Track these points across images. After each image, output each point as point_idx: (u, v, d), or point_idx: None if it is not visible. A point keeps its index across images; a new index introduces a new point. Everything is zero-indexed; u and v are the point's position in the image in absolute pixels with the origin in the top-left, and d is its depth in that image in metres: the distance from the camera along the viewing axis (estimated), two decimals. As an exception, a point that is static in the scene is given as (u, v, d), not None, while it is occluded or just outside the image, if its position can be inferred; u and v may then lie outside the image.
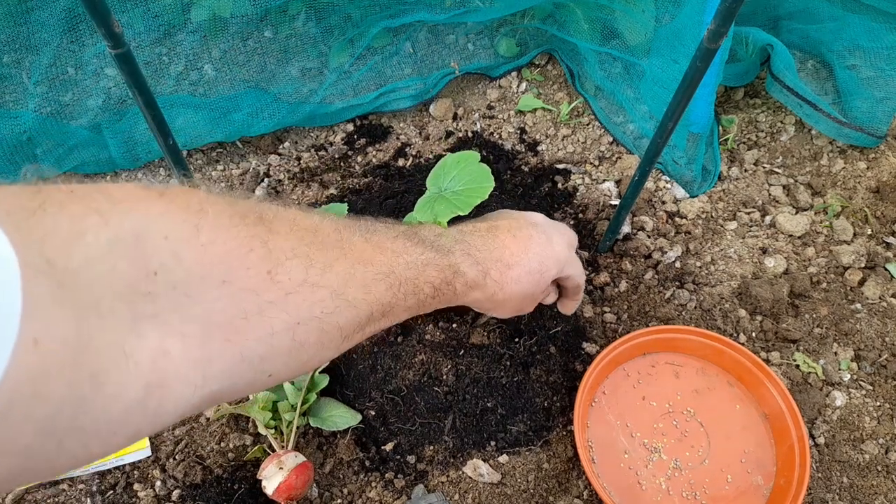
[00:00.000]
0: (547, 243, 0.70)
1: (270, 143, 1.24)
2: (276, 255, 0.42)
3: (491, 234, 0.67)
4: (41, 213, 0.32)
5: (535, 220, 0.72)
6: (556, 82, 1.32)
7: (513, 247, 0.66)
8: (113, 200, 0.36)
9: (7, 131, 1.08)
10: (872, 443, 0.87)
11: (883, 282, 1.01)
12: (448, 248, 0.61)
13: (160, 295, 0.36)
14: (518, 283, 0.66)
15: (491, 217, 0.72)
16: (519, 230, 0.69)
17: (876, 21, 1.13)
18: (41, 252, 0.30)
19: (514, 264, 0.66)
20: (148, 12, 1.11)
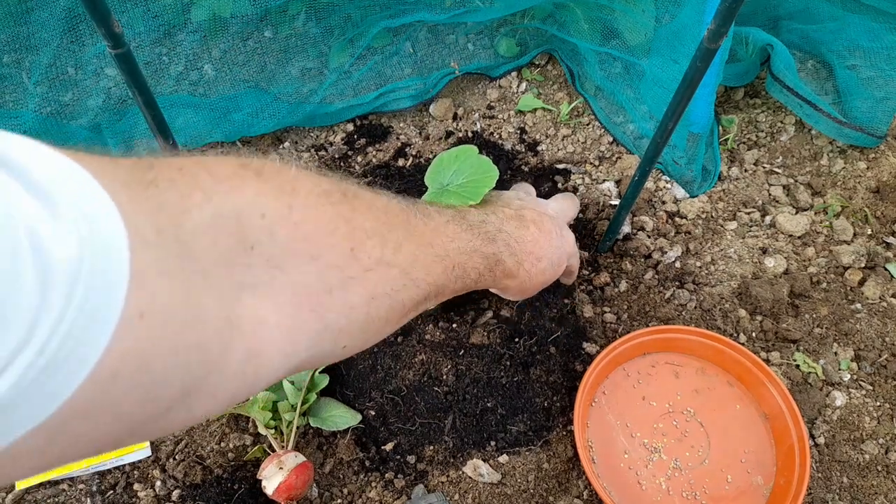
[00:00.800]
0: (560, 237, 0.77)
1: (270, 143, 1.24)
2: (357, 233, 0.46)
3: (522, 224, 0.72)
4: (154, 187, 0.34)
5: (550, 211, 0.79)
6: (556, 82, 1.32)
7: (541, 240, 0.73)
8: (216, 178, 0.38)
9: (7, 131, 1.08)
10: (872, 443, 0.87)
11: (883, 282, 1.01)
12: (492, 236, 0.65)
13: (257, 266, 0.39)
14: (543, 274, 0.74)
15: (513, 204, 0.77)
16: (542, 223, 0.75)
17: (876, 21, 1.13)
18: (153, 223, 0.32)
19: (542, 258, 0.72)
20: (148, 12, 1.11)
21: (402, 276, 0.50)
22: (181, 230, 0.34)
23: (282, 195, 0.41)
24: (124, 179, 0.33)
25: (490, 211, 0.72)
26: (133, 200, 0.31)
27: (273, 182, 0.42)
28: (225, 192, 0.38)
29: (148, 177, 0.34)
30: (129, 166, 0.35)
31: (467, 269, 0.59)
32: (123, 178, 0.33)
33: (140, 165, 0.35)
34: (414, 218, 0.54)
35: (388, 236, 0.48)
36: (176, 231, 0.33)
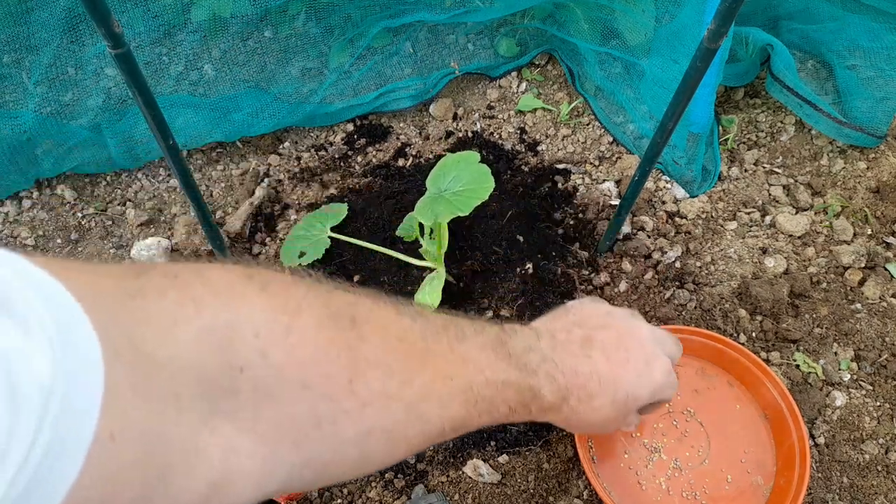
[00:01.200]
0: (645, 370, 0.63)
1: (270, 143, 1.24)
2: (360, 364, 0.42)
3: (584, 350, 0.61)
4: (140, 297, 0.33)
5: (640, 335, 0.65)
6: (556, 82, 1.32)
7: (603, 370, 0.60)
8: (213, 290, 0.37)
9: (7, 131, 1.08)
10: (872, 443, 0.87)
11: (883, 282, 1.01)
12: (534, 367, 0.56)
13: (241, 392, 0.36)
14: (597, 412, 0.60)
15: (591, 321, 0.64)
16: (616, 350, 0.62)
17: (876, 21, 1.13)
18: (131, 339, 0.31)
19: (597, 394, 0.60)
20: (148, 12, 1.11)
21: (408, 411, 0.45)
22: (162, 346, 0.32)
23: (283, 314, 0.39)
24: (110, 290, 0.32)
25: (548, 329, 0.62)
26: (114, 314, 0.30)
27: (277, 299, 0.39)
28: (220, 305, 0.36)
29: (135, 285, 0.33)
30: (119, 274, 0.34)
31: (496, 403, 0.52)
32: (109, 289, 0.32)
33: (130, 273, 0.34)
34: (437, 344, 0.49)
35: (395, 367, 0.44)
36: (155, 349, 0.32)
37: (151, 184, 1.19)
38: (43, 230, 1.12)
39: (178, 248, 1.08)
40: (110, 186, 1.18)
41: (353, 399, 0.42)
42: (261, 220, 1.14)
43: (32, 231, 1.12)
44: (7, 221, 1.13)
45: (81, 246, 1.11)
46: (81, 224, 1.13)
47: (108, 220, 1.14)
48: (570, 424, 0.62)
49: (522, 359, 0.55)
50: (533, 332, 0.60)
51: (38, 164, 1.13)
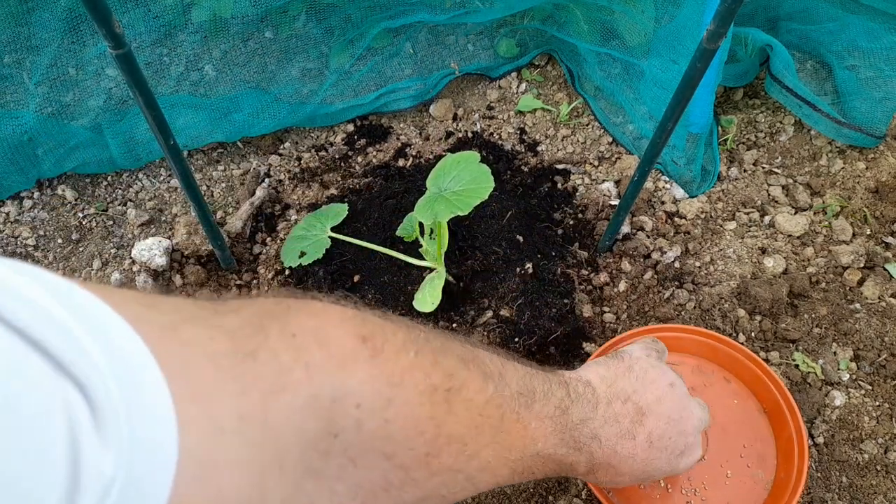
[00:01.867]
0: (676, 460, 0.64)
1: (271, 144, 1.25)
2: (440, 440, 0.43)
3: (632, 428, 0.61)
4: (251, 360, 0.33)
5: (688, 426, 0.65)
6: (555, 83, 1.32)
7: (640, 455, 0.61)
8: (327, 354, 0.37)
9: (8, 131, 1.08)
10: (871, 442, 0.88)
11: (882, 282, 1.01)
12: (582, 443, 0.57)
13: (331, 455, 0.37)
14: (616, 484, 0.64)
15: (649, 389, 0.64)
16: (660, 439, 0.62)
17: (875, 21, 1.14)
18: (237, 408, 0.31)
19: (625, 473, 0.61)
20: (149, 13, 1.11)
21: (465, 482, 0.47)
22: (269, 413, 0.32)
23: (387, 387, 0.40)
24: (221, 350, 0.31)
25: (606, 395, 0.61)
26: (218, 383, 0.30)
27: (385, 367, 0.40)
28: (330, 373, 0.36)
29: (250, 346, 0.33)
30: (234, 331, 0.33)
31: (536, 471, 0.54)
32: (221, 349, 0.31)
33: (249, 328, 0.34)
34: (510, 414, 0.49)
35: (470, 443, 0.46)
36: (263, 415, 0.32)
37: (152, 184, 1.19)
38: (44, 230, 1.13)
39: (179, 249, 1.08)
40: (111, 187, 1.18)
41: (425, 470, 0.43)
42: (261, 221, 1.15)
43: (33, 231, 1.12)
44: (8, 221, 1.13)
45: (82, 246, 1.12)
46: (82, 224, 1.14)
47: (109, 221, 1.15)
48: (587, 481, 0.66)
49: (575, 433, 0.56)
50: (593, 399, 0.60)
51: (38, 164, 1.13)
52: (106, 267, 1.09)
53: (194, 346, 0.31)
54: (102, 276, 1.07)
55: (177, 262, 1.07)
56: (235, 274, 1.08)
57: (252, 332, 0.34)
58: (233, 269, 1.08)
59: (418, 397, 0.42)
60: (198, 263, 1.07)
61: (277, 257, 1.08)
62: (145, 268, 1.06)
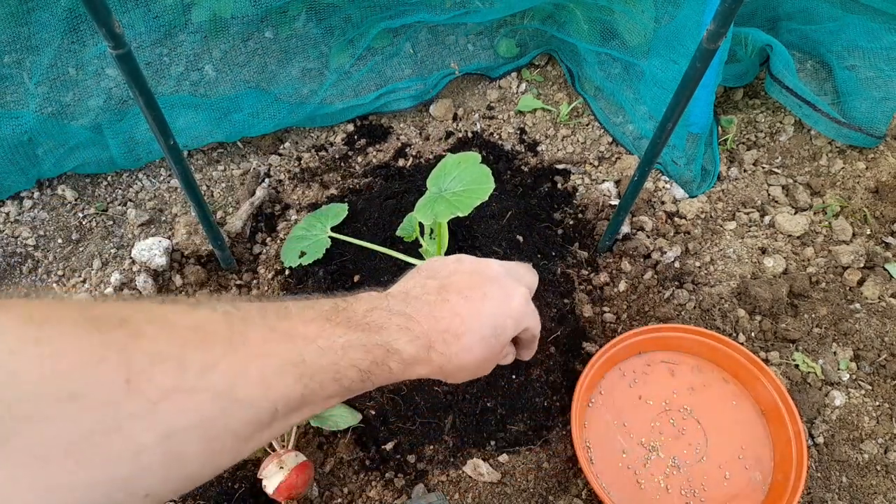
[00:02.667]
0: (504, 300, 0.63)
1: (271, 144, 1.25)
2: (137, 361, 0.38)
3: (440, 296, 0.60)
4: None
5: (493, 272, 0.65)
6: (555, 83, 1.32)
7: (464, 311, 0.59)
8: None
9: (8, 131, 1.08)
10: (871, 442, 0.88)
11: (882, 282, 1.01)
12: (380, 323, 0.55)
13: None
14: (470, 351, 0.60)
15: (443, 271, 0.64)
16: (472, 289, 0.61)
17: (875, 21, 1.14)
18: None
19: (464, 332, 0.59)
20: (149, 13, 1.11)
21: (218, 400, 0.42)
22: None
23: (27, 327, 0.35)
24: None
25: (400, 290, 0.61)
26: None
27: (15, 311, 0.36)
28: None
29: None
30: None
31: (340, 369, 0.50)
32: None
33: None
34: (251, 327, 0.46)
35: (190, 357, 0.41)
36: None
37: (152, 184, 1.19)
38: (44, 230, 1.13)
39: (179, 249, 1.08)
40: (111, 187, 1.18)
41: (137, 400, 0.38)
42: (261, 220, 1.15)
43: (33, 231, 1.12)
44: (8, 221, 1.13)
45: (82, 246, 1.12)
46: (82, 224, 1.14)
47: (109, 221, 1.15)
48: (446, 372, 0.60)
49: (364, 319, 0.54)
50: (381, 296, 0.59)
51: (39, 164, 1.13)
52: (106, 267, 1.09)
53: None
54: (102, 276, 1.07)
55: (177, 262, 1.07)
56: (235, 274, 1.08)
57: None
58: (233, 269, 1.08)
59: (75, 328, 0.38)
60: (198, 263, 1.07)
61: (277, 257, 1.08)
62: (145, 268, 1.06)
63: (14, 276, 1.07)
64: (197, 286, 1.05)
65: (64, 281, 1.08)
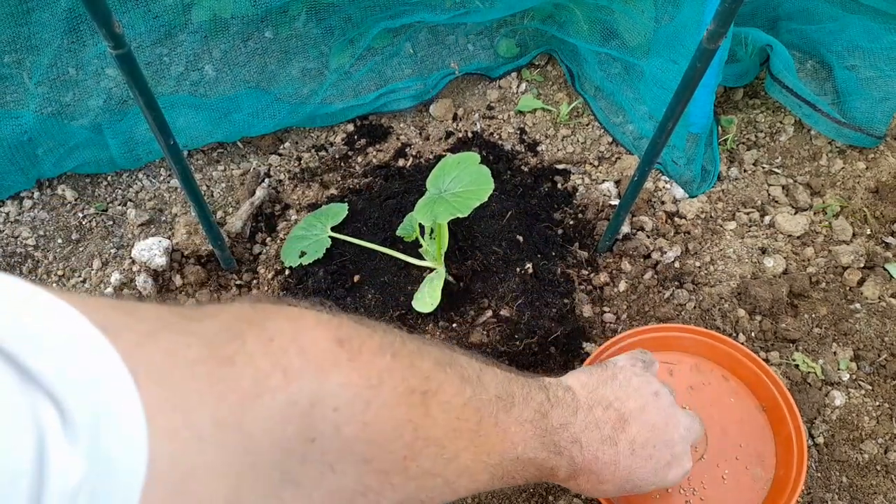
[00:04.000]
0: (663, 470, 0.63)
1: (271, 144, 1.25)
2: (418, 443, 0.43)
3: (614, 434, 0.60)
4: (229, 366, 0.33)
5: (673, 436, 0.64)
6: (555, 83, 1.32)
7: (622, 464, 0.60)
8: (305, 358, 0.36)
9: (8, 131, 1.08)
10: (872, 442, 0.88)
11: (882, 282, 1.01)
12: (563, 447, 0.56)
13: (308, 461, 0.37)
14: (600, 493, 0.62)
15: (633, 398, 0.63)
16: (643, 447, 0.61)
17: (875, 21, 1.13)
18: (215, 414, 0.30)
19: (608, 481, 0.60)
20: (149, 13, 1.11)
21: (444, 486, 0.47)
22: (246, 419, 0.32)
23: (365, 390, 0.39)
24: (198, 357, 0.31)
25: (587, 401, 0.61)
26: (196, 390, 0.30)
27: (362, 370, 0.39)
28: (308, 376, 0.36)
29: (227, 352, 0.33)
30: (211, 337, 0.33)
31: (516, 476, 0.54)
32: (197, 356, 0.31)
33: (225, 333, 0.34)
34: (488, 417, 0.49)
35: (448, 446, 0.45)
36: (240, 421, 0.32)
37: (152, 184, 1.19)
38: (44, 230, 1.13)
39: (179, 249, 1.08)
40: (111, 186, 1.18)
41: (402, 474, 0.43)
42: (261, 221, 1.15)
43: (33, 231, 1.12)
44: (8, 221, 1.13)
45: (82, 246, 1.12)
46: (82, 224, 1.14)
47: (109, 221, 1.15)
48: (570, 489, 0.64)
49: (555, 437, 0.56)
50: (573, 404, 0.60)
51: (38, 164, 1.13)
52: (106, 267, 1.09)
53: (171, 353, 0.30)
54: (102, 276, 1.07)
55: (177, 262, 1.07)
56: (235, 274, 1.08)
57: (229, 338, 0.34)
58: (233, 269, 1.08)
59: (396, 399, 0.42)
60: (198, 263, 1.07)
61: (277, 257, 1.08)
62: (145, 268, 1.06)
63: (14, 276, 1.07)
64: (197, 286, 1.05)
65: (64, 281, 1.08)
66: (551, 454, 0.55)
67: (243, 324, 0.36)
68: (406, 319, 0.99)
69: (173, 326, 0.32)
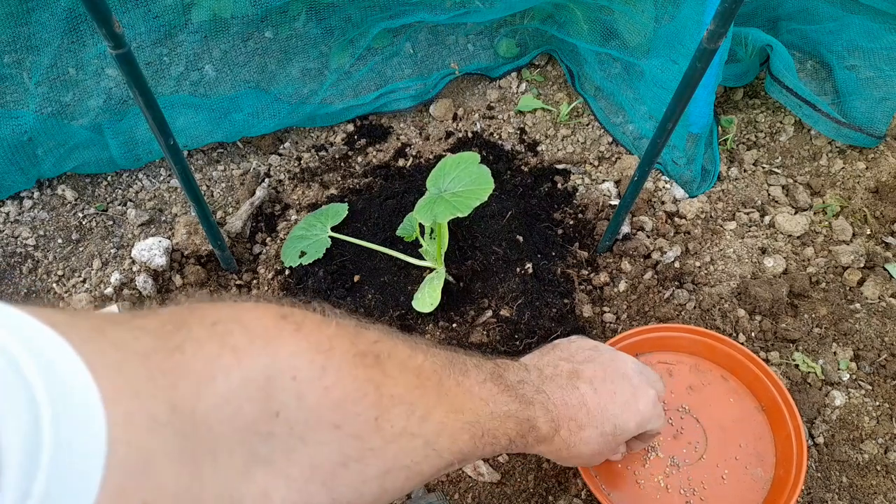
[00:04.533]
0: (631, 401, 0.65)
1: (271, 144, 1.25)
2: (384, 401, 0.43)
3: (571, 382, 0.63)
4: (179, 353, 0.33)
5: (625, 369, 0.67)
6: (555, 83, 1.32)
7: (591, 403, 0.62)
8: (251, 335, 0.37)
9: (8, 131, 1.08)
10: (872, 442, 0.88)
11: (882, 282, 1.01)
12: (529, 398, 0.58)
13: (276, 435, 0.37)
14: (587, 444, 0.62)
15: (578, 355, 0.67)
16: (603, 382, 0.64)
17: (875, 21, 1.13)
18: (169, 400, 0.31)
19: (586, 425, 0.61)
20: (149, 13, 1.11)
21: (425, 448, 0.47)
22: (200, 403, 0.32)
23: (317, 355, 0.40)
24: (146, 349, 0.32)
25: (536, 365, 0.64)
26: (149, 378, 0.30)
27: (311, 339, 0.40)
28: (258, 351, 0.36)
29: (175, 341, 0.33)
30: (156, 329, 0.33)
31: (498, 435, 0.54)
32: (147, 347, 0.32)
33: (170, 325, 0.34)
34: (447, 378, 0.50)
35: (416, 403, 0.46)
36: (194, 405, 0.32)
37: (152, 184, 1.19)
38: (44, 230, 1.13)
39: (179, 249, 1.08)
40: (111, 186, 1.18)
41: (378, 437, 0.43)
42: (261, 221, 1.15)
43: (33, 231, 1.12)
44: (8, 221, 1.13)
45: (82, 246, 1.12)
46: (82, 224, 1.14)
47: (109, 221, 1.15)
48: (561, 456, 0.64)
49: (519, 390, 0.57)
50: (522, 367, 0.62)
51: (39, 164, 1.13)
52: (106, 267, 1.09)
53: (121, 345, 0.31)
54: (102, 276, 1.07)
55: (177, 262, 1.07)
56: (235, 274, 1.08)
57: (174, 328, 0.34)
58: (233, 270, 1.08)
59: (351, 360, 0.42)
60: (198, 263, 1.07)
61: (277, 257, 1.08)
62: (145, 268, 1.06)
63: (14, 276, 1.07)
64: (197, 286, 1.05)
65: (64, 281, 1.08)
66: (522, 405, 0.57)
67: (184, 314, 0.36)
68: (406, 319, 0.99)
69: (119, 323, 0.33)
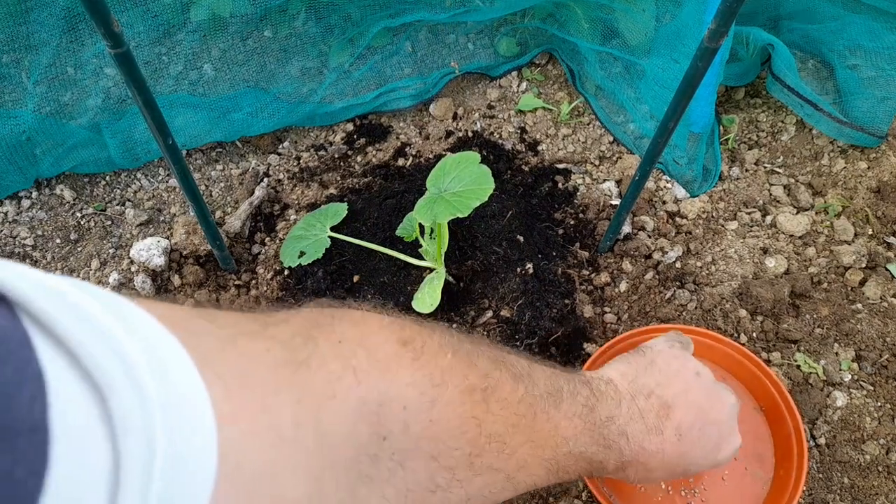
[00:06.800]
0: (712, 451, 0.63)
1: (270, 143, 1.24)
2: (482, 439, 0.45)
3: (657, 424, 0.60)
4: (305, 368, 0.34)
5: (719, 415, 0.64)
6: (556, 82, 1.31)
7: (669, 451, 0.59)
8: (373, 359, 0.38)
9: (6, 131, 1.07)
10: (873, 443, 0.87)
11: (884, 282, 1.01)
12: (610, 441, 0.56)
13: (380, 459, 0.38)
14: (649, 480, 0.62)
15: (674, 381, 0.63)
16: (689, 430, 0.61)
17: (877, 21, 1.13)
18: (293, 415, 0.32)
19: (656, 468, 0.60)
20: (147, 12, 1.11)
21: (505, 481, 0.48)
22: (321, 419, 0.34)
23: (430, 388, 0.41)
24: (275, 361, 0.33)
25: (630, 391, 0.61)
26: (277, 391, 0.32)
27: (426, 369, 0.41)
28: (377, 376, 0.38)
29: (302, 355, 0.34)
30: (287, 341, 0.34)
31: (570, 471, 0.54)
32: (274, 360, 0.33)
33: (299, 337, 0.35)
34: (541, 413, 0.50)
35: (508, 441, 0.47)
36: (316, 421, 0.33)
37: (151, 184, 1.19)
38: (42, 230, 1.12)
39: (178, 249, 1.08)
40: (109, 186, 1.18)
41: (469, 471, 0.44)
42: (260, 220, 1.14)
43: (32, 231, 1.12)
44: (6, 221, 1.12)
45: (80, 246, 1.11)
46: (81, 224, 1.13)
47: (108, 220, 1.14)
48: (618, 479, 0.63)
49: (603, 430, 0.56)
50: (616, 396, 0.59)
51: (37, 163, 1.12)
52: (104, 267, 1.08)
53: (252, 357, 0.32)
54: (101, 277, 1.07)
55: (175, 262, 1.07)
56: (234, 274, 1.08)
57: (303, 342, 0.35)
58: (232, 270, 1.08)
59: (459, 397, 0.43)
60: (196, 263, 1.07)
61: (276, 257, 1.08)
62: (144, 268, 1.05)
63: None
64: (195, 286, 1.05)
65: (62, 281, 1.07)
66: (600, 448, 0.56)
67: (313, 328, 0.38)
68: (406, 320, 0.98)
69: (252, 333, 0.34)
